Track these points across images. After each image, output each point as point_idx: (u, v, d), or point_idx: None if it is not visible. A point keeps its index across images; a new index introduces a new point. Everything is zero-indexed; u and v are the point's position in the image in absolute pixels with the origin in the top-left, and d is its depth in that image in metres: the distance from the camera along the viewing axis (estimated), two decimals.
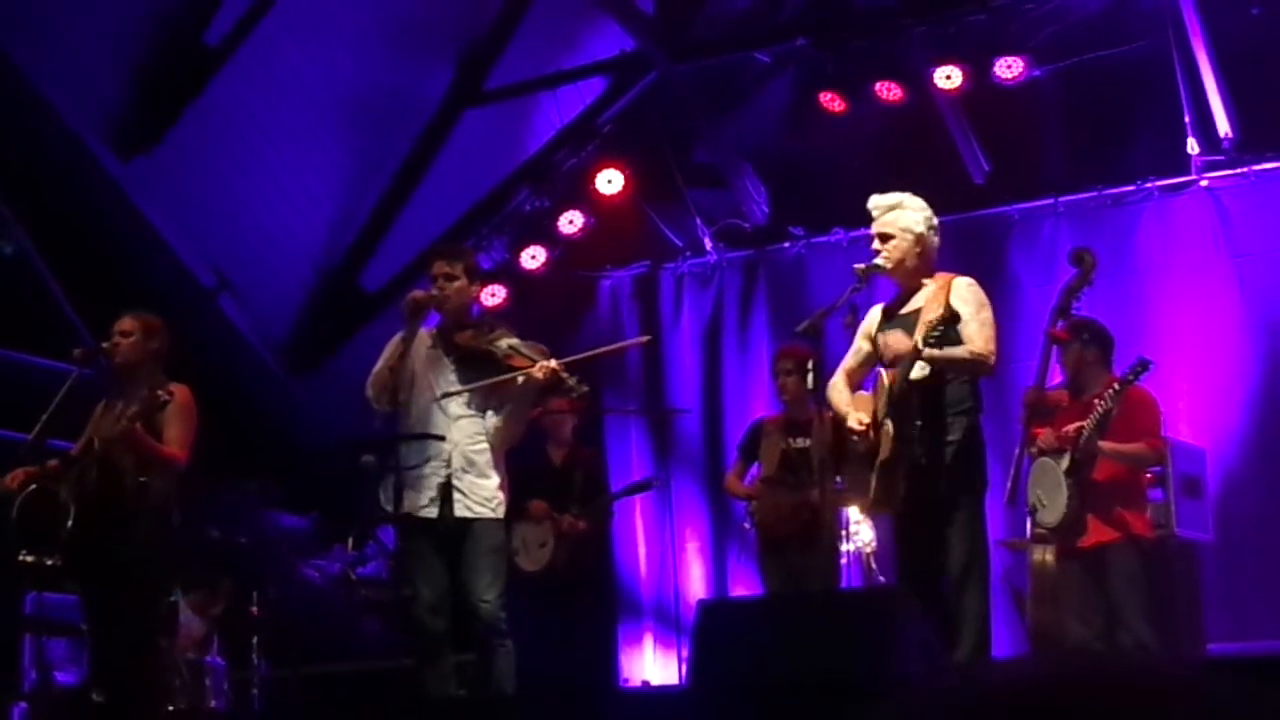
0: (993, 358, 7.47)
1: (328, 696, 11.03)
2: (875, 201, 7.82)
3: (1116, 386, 8.48)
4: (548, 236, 13.76)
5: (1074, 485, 8.44)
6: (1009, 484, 8.57)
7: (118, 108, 11.82)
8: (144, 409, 8.21)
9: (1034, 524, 8.81)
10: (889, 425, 7.40)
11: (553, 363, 8.03)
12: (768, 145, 13.32)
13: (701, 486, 13.15)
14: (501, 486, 8.28)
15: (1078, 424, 8.48)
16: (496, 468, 8.27)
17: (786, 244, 13.38)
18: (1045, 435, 8.63)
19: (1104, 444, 8.52)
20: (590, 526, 11.12)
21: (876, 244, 7.76)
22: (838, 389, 7.82)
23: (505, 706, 7.48)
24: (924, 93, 12.29)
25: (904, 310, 7.71)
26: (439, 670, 8.17)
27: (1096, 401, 8.47)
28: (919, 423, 7.38)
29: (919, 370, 7.37)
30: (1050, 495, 8.55)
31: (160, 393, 8.16)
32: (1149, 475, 9.12)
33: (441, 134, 13.04)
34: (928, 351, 7.32)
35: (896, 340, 7.57)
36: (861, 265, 7.76)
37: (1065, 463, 8.48)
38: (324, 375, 13.33)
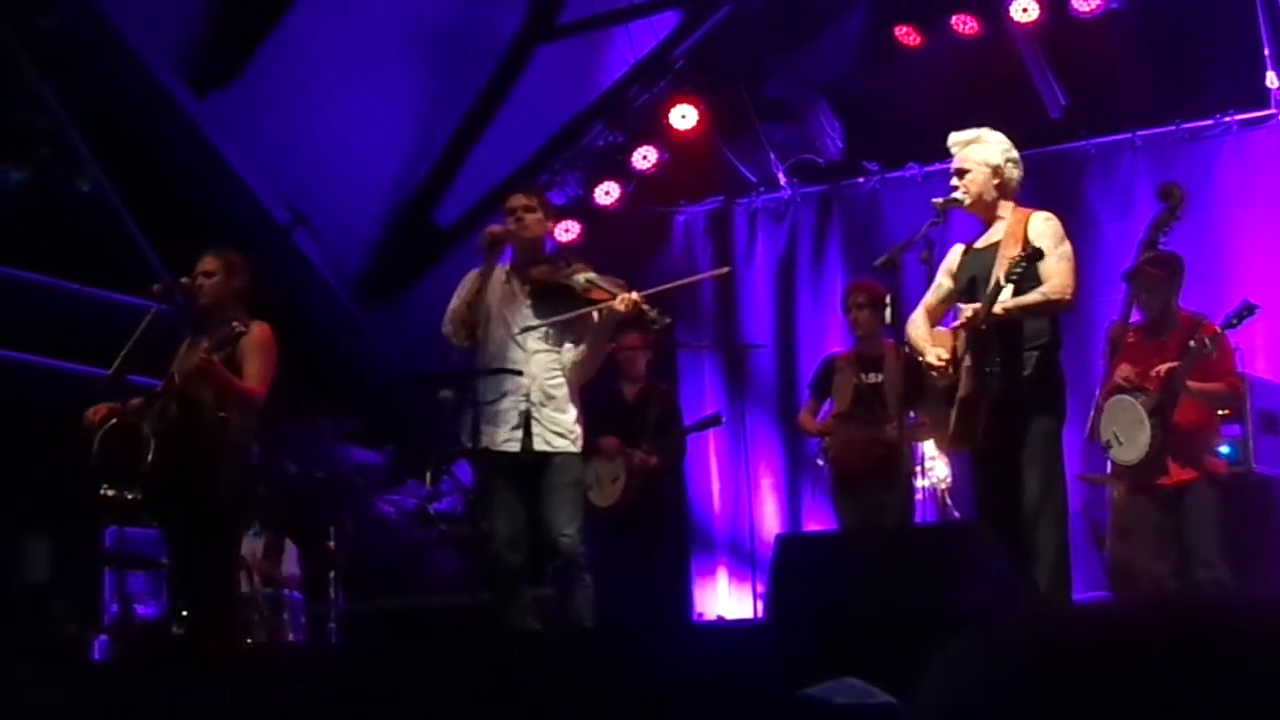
0: (1068, 292, 7.36)
1: (404, 630, 11.09)
2: (954, 138, 7.78)
3: (1219, 329, 8.45)
4: (621, 172, 13.77)
5: (1158, 425, 8.40)
6: (1089, 420, 8.54)
7: (193, 44, 11.85)
8: (220, 342, 8.26)
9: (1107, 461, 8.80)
10: (969, 360, 7.36)
11: (634, 295, 8.01)
12: (842, 79, 13.23)
13: (775, 422, 13.14)
14: (578, 420, 8.29)
15: (1170, 364, 8.44)
16: (573, 401, 8.28)
17: (861, 179, 13.34)
18: (1124, 371, 8.58)
19: (1191, 383, 8.48)
20: (662, 462, 11.13)
21: (954, 180, 7.72)
22: (917, 325, 7.77)
23: (582, 640, 7.51)
24: (1000, 26, 12.19)
25: (981, 244, 7.67)
26: (517, 604, 8.18)
27: (1192, 343, 8.40)
28: (998, 358, 7.33)
29: (1002, 302, 7.31)
30: (1129, 433, 8.49)
31: (235, 325, 8.20)
32: (1225, 412, 9.07)
33: (515, 69, 13.01)
34: (999, 306, 7.26)
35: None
36: (940, 200, 7.71)
37: (1151, 401, 8.43)
38: (398, 310, 13.36)
